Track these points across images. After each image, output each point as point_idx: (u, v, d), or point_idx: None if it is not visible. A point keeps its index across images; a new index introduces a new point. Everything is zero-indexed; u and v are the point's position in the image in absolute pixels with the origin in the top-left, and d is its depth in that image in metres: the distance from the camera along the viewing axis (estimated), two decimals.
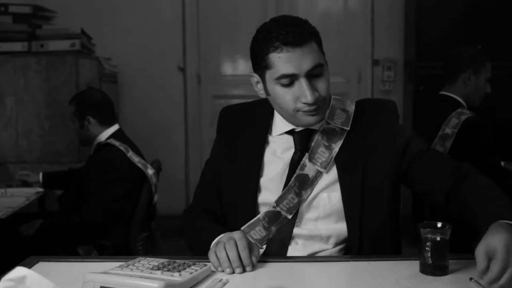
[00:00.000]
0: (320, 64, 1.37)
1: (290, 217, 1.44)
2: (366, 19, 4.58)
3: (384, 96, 4.59)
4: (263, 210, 1.47)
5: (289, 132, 1.49)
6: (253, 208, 1.48)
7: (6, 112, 3.48)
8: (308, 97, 1.35)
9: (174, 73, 4.62)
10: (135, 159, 2.59)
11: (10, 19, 3.53)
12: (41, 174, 2.97)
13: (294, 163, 1.46)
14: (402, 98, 4.58)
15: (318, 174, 1.44)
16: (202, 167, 1.64)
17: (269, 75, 1.39)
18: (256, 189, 1.48)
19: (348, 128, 1.46)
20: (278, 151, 1.50)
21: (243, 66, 4.57)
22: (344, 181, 1.44)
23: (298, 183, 1.43)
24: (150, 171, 2.61)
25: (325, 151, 1.44)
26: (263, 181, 1.49)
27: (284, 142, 1.50)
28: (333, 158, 1.44)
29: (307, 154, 1.45)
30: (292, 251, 1.45)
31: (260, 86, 1.45)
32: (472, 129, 2.47)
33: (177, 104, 4.64)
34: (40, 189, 2.91)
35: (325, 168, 1.44)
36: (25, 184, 2.96)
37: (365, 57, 4.61)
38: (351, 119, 1.47)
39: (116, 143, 2.58)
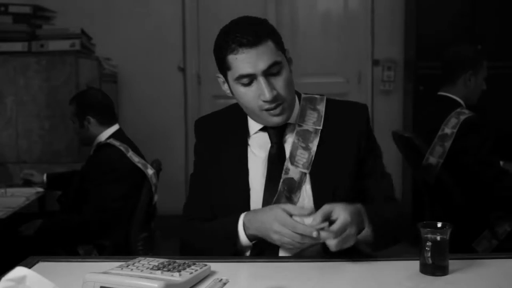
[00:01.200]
0: (276, 62, 1.42)
1: None
2: (366, 19, 4.57)
3: (384, 96, 4.60)
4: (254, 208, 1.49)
5: (263, 129, 1.53)
6: (247, 209, 1.48)
7: (6, 112, 3.47)
8: (267, 94, 1.40)
9: (174, 73, 4.62)
10: (135, 159, 2.59)
11: (10, 19, 3.52)
12: (45, 175, 2.97)
13: (272, 157, 1.50)
14: (402, 98, 4.58)
15: (303, 176, 1.47)
16: None
17: (230, 75, 1.45)
18: (247, 190, 1.50)
19: (320, 127, 1.51)
20: (257, 148, 1.54)
21: None
22: (315, 175, 1.47)
23: (286, 187, 1.46)
24: (150, 171, 2.61)
25: (304, 152, 1.49)
26: (250, 181, 1.51)
27: (260, 139, 1.54)
28: (313, 158, 1.48)
29: (288, 158, 1.48)
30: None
31: (226, 86, 1.52)
32: (471, 128, 2.48)
33: (177, 104, 4.63)
34: (40, 189, 2.91)
35: (308, 169, 1.47)
36: (28, 183, 2.96)
37: (365, 57, 4.60)
38: (323, 118, 1.52)
39: (116, 143, 2.58)
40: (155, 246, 2.76)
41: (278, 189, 1.46)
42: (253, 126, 1.55)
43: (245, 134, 1.55)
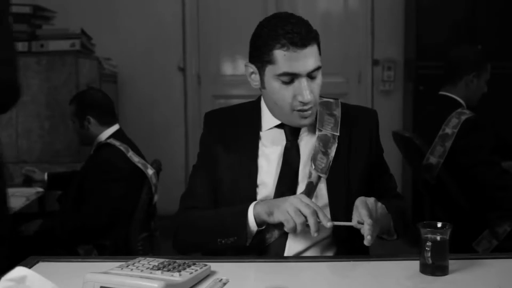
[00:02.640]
0: (319, 66, 1.44)
1: None
2: (366, 19, 4.58)
3: (384, 96, 4.60)
4: None
5: (279, 126, 1.54)
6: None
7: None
8: (306, 96, 1.41)
9: (174, 73, 4.62)
10: (135, 159, 2.59)
11: (10, 19, 3.51)
12: (46, 174, 2.97)
13: (287, 153, 1.51)
14: (402, 98, 4.58)
15: (319, 180, 1.49)
16: None
17: (271, 70, 1.43)
18: (255, 186, 1.51)
19: (338, 134, 1.53)
20: (270, 144, 1.54)
21: (243, 66, 4.55)
22: (330, 178, 1.50)
23: (308, 191, 1.47)
24: (150, 171, 2.61)
25: (323, 157, 1.50)
26: (259, 176, 1.51)
27: (274, 135, 1.55)
28: (331, 163, 1.50)
29: (311, 162, 1.49)
30: (291, 242, 1.47)
31: (254, 77, 1.51)
32: (472, 129, 2.48)
33: (177, 104, 4.64)
34: (40, 189, 2.91)
35: (325, 174, 1.49)
36: (29, 180, 2.96)
37: (365, 57, 4.61)
38: (339, 123, 1.55)
39: (116, 143, 2.58)
40: (155, 246, 2.76)
41: (301, 192, 1.47)
42: (268, 121, 1.55)
43: (257, 129, 1.56)
